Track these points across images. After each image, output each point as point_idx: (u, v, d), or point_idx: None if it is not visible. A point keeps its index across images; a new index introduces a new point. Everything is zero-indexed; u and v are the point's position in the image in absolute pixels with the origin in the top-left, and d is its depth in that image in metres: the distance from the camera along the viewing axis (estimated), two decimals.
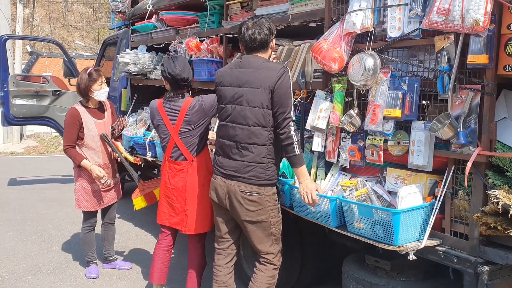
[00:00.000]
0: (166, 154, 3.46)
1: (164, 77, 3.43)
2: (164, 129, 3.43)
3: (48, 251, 4.94)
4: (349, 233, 2.67)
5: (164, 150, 3.49)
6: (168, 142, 3.43)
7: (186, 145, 3.38)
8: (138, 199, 4.15)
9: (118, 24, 7.16)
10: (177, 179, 3.44)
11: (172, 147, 3.42)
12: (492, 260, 2.28)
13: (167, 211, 3.55)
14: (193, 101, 3.37)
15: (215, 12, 4.20)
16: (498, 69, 2.20)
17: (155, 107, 3.47)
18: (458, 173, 2.41)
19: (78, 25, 29.16)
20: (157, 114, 3.45)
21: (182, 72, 3.37)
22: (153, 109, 3.49)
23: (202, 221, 3.45)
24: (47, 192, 7.65)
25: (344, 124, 2.81)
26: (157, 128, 3.50)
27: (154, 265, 3.61)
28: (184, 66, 3.40)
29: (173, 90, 3.43)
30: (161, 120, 3.43)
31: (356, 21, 2.67)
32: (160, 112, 3.42)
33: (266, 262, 2.99)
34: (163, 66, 3.41)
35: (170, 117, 3.40)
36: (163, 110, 3.41)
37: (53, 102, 7.58)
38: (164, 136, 3.45)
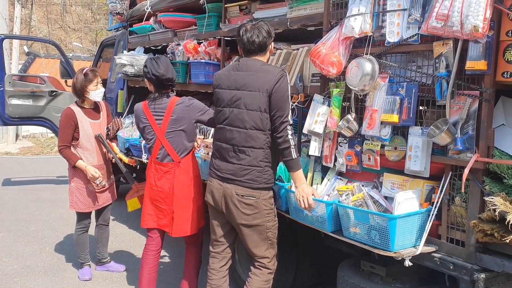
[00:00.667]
0: (152, 156, 3.43)
1: (148, 79, 3.40)
2: (150, 130, 3.40)
3: (41, 252, 4.90)
4: (345, 238, 2.65)
5: (150, 152, 3.46)
6: (154, 143, 3.40)
7: (173, 145, 3.35)
8: (132, 201, 4.13)
9: (116, 26, 7.16)
10: (163, 181, 3.41)
11: (159, 148, 3.39)
12: (489, 267, 2.27)
13: (154, 214, 3.50)
14: (180, 100, 3.36)
15: (213, 15, 4.20)
16: (497, 75, 2.19)
17: (140, 109, 3.43)
18: (455, 179, 2.40)
19: (76, 27, 29.11)
20: (142, 115, 3.42)
21: (166, 72, 3.35)
22: (138, 111, 3.46)
23: (189, 223, 3.43)
24: (41, 193, 7.60)
25: (341, 128, 2.80)
26: (143, 130, 3.46)
27: (143, 271, 3.55)
28: (167, 66, 3.38)
29: (158, 90, 3.40)
30: (146, 121, 3.40)
31: (354, 25, 2.67)
32: (146, 113, 3.39)
33: (261, 266, 2.97)
34: (146, 68, 3.38)
35: (156, 117, 3.37)
36: (149, 111, 3.38)
37: (49, 102, 7.56)
38: (150, 138, 3.42)
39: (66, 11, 29.10)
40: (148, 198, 3.51)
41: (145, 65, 3.40)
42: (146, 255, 3.58)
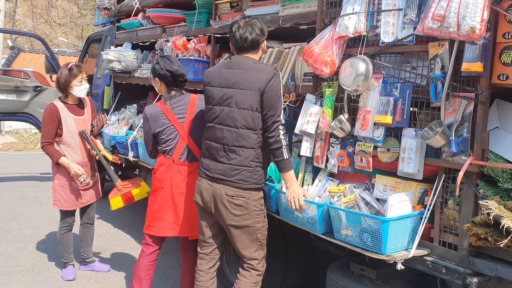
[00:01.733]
0: (174, 157, 3.23)
1: (161, 76, 3.23)
2: (172, 130, 3.22)
3: (23, 251, 4.79)
4: (336, 241, 2.61)
5: (170, 153, 3.24)
6: (177, 143, 3.23)
7: (197, 144, 3.21)
8: (115, 199, 4.01)
9: (103, 21, 7.06)
10: (187, 182, 3.23)
11: (182, 148, 3.23)
12: (481, 271, 2.24)
13: (173, 221, 3.27)
14: (199, 95, 3.24)
15: (203, 11, 4.14)
16: (493, 78, 2.17)
17: (157, 111, 3.23)
18: (448, 182, 2.38)
19: (62, 22, 28.75)
20: (161, 116, 3.22)
21: (180, 68, 3.25)
22: (153, 114, 3.24)
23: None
24: (24, 189, 7.46)
25: (334, 129, 2.76)
26: (160, 133, 3.23)
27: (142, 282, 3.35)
28: (179, 63, 3.29)
29: (171, 88, 3.28)
30: (167, 121, 3.21)
31: (349, 24, 2.63)
32: (166, 113, 3.22)
33: (250, 268, 2.92)
34: (158, 65, 3.23)
35: (177, 116, 3.23)
36: (169, 110, 3.23)
37: (34, 98, 7.41)
38: (171, 138, 3.23)
39: (51, 5, 28.72)
40: (168, 204, 3.27)
41: (157, 62, 3.27)
42: (143, 265, 3.37)
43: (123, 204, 4.02)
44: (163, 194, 3.28)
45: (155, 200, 3.32)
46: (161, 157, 3.30)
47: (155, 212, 3.31)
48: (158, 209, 3.30)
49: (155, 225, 3.31)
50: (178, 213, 3.27)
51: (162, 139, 3.25)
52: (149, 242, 3.38)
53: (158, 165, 3.33)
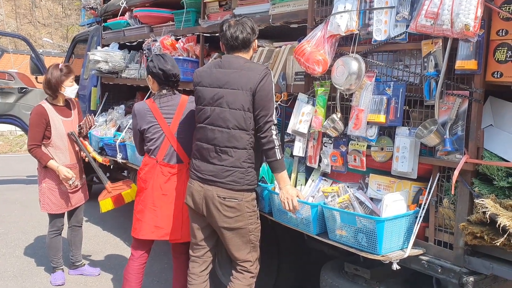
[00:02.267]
0: (158, 157, 3.19)
1: (153, 74, 3.20)
2: (158, 129, 3.19)
3: (11, 256, 4.70)
4: (330, 241, 2.59)
5: (154, 153, 3.21)
6: (162, 143, 3.19)
7: (183, 145, 3.19)
8: (105, 201, 3.93)
9: (89, 21, 6.97)
10: (171, 184, 3.20)
11: (166, 148, 3.19)
12: (477, 270, 2.23)
13: (152, 223, 3.22)
14: (190, 97, 3.20)
15: (192, 10, 4.09)
16: (487, 75, 2.15)
17: (145, 108, 3.20)
18: (443, 181, 2.36)
19: (46, 22, 28.38)
20: (148, 114, 3.18)
21: (173, 68, 3.21)
22: (141, 111, 3.21)
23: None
24: (10, 193, 7.33)
25: (327, 128, 2.73)
26: (146, 130, 3.20)
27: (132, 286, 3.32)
28: (174, 63, 3.25)
29: (162, 88, 3.24)
30: (153, 119, 3.19)
31: (340, 23, 2.60)
32: (153, 111, 3.19)
33: (243, 270, 2.88)
34: (152, 62, 3.20)
35: (165, 115, 3.19)
36: (157, 108, 3.19)
37: (19, 99, 7.29)
38: (156, 137, 3.19)
39: (35, 5, 28.33)
40: (149, 205, 3.22)
41: (151, 60, 3.23)
42: (132, 269, 3.33)
43: (113, 206, 3.95)
44: (145, 195, 3.24)
45: (139, 201, 3.29)
46: (146, 156, 3.27)
47: (137, 213, 3.28)
48: (140, 211, 3.26)
49: (137, 227, 3.28)
50: (158, 216, 3.21)
51: (147, 137, 3.22)
52: (136, 245, 3.35)
53: (143, 165, 3.29)
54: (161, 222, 3.22)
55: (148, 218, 3.23)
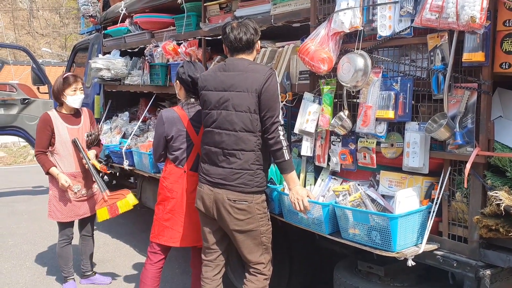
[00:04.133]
0: (186, 167, 3.18)
1: (182, 80, 3.18)
2: (188, 139, 3.16)
3: (21, 268, 4.69)
4: (343, 240, 2.57)
5: (182, 163, 3.18)
6: (191, 153, 3.17)
7: None
8: (101, 211, 3.81)
9: (89, 29, 6.96)
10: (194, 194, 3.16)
11: (194, 157, 3.17)
12: (494, 263, 2.22)
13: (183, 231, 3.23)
14: None
15: (192, 14, 4.08)
16: (495, 66, 2.14)
17: (176, 116, 3.16)
18: (454, 175, 2.34)
19: (44, 32, 28.44)
20: (178, 123, 3.14)
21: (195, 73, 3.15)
22: (170, 118, 3.16)
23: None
24: (17, 205, 7.33)
25: (335, 127, 2.72)
26: (174, 139, 3.16)
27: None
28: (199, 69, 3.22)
29: (191, 96, 3.21)
30: (183, 128, 3.15)
31: (344, 20, 2.59)
32: (183, 119, 3.15)
33: (256, 273, 2.87)
34: (182, 68, 3.19)
35: (193, 124, 3.16)
36: (186, 117, 3.16)
37: (22, 110, 7.27)
38: (184, 147, 3.16)
39: (33, 16, 28.41)
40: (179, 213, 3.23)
41: (182, 66, 3.22)
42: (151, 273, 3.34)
43: (108, 216, 3.83)
44: (174, 204, 3.22)
45: (164, 209, 3.26)
46: (171, 165, 3.23)
47: (165, 221, 3.26)
48: (169, 219, 3.25)
49: (166, 235, 3.27)
50: (191, 223, 3.22)
51: (175, 146, 3.18)
52: (157, 250, 3.34)
53: (167, 174, 3.25)
54: (190, 230, 3.23)
55: (178, 226, 3.23)
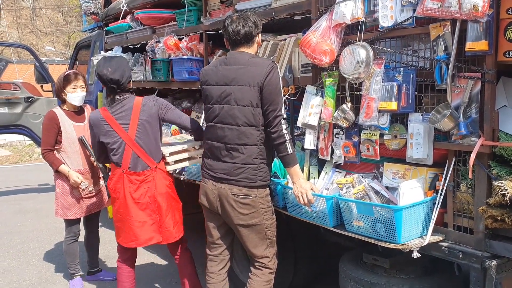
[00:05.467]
0: (123, 166, 3.12)
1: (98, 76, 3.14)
2: (117, 138, 3.10)
3: (28, 265, 4.72)
4: (348, 233, 2.56)
5: (119, 163, 3.14)
6: (124, 151, 3.10)
7: (147, 150, 3.11)
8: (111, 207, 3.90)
9: (91, 26, 6.96)
10: (141, 191, 3.15)
11: (130, 156, 3.10)
12: (500, 253, 2.20)
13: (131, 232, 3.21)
14: (144, 99, 3.13)
15: (193, 9, 4.06)
16: (498, 55, 2.11)
17: (99, 117, 3.09)
18: (459, 165, 2.33)
19: (48, 30, 28.47)
20: (103, 123, 3.08)
21: (112, 74, 3.04)
22: (96, 121, 3.10)
23: (177, 227, 3.32)
24: (23, 203, 7.36)
25: (337, 119, 2.70)
26: (106, 141, 3.12)
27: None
28: (118, 68, 3.08)
29: (111, 93, 3.13)
30: (110, 129, 3.09)
31: (346, 11, 2.56)
32: (108, 120, 3.09)
33: (261, 267, 2.87)
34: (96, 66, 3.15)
35: (121, 123, 3.08)
36: (111, 117, 3.09)
37: (26, 109, 7.30)
38: (116, 147, 3.11)
39: (36, 14, 28.43)
40: (124, 214, 3.20)
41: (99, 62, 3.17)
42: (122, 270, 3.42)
43: None
44: (119, 205, 3.22)
45: (114, 210, 3.29)
46: (113, 165, 3.22)
47: (116, 222, 3.29)
48: (119, 220, 3.26)
49: (121, 235, 3.31)
50: (135, 225, 3.20)
51: (109, 148, 3.16)
52: (120, 249, 3.42)
53: (112, 174, 3.25)
54: (138, 231, 3.20)
55: (127, 227, 3.22)
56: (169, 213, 3.26)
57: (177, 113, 3.22)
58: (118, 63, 3.12)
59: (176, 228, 3.31)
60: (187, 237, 3.44)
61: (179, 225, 3.34)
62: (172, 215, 3.27)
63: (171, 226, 3.27)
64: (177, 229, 3.32)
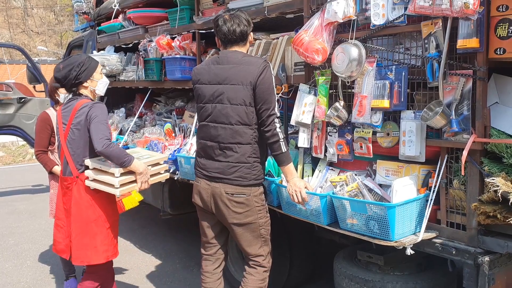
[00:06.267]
0: (61, 170, 3.07)
1: None
2: (58, 137, 3.02)
3: (22, 267, 4.70)
4: (342, 231, 2.57)
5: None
6: (60, 151, 3.03)
7: (73, 156, 2.96)
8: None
9: (83, 26, 6.94)
10: (66, 198, 3.03)
11: (62, 158, 3.01)
12: (492, 249, 2.22)
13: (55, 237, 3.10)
14: (86, 103, 2.95)
15: (185, 8, 4.05)
16: (489, 52, 2.13)
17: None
18: (451, 162, 2.34)
19: (40, 30, 28.28)
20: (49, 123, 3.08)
21: (57, 72, 2.95)
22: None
23: (92, 251, 2.97)
24: (17, 204, 7.32)
25: (330, 117, 2.71)
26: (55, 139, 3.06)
27: None
28: (66, 67, 2.95)
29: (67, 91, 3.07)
30: (57, 126, 3.04)
31: (337, 10, 2.57)
32: (58, 116, 3.03)
33: (256, 265, 2.87)
34: None
35: (63, 121, 2.99)
36: (60, 114, 3.01)
37: (19, 110, 7.25)
38: (57, 146, 3.03)
39: (27, 14, 28.24)
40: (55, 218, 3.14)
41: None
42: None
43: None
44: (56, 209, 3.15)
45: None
46: None
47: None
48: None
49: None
50: (60, 230, 3.11)
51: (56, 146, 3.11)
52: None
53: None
54: (61, 237, 3.10)
55: (55, 231, 3.14)
56: (83, 232, 2.96)
57: (96, 128, 2.85)
58: (69, 63, 2.97)
59: (90, 251, 2.97)
60: (183, 237, 3.39)
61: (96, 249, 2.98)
62: (87, 235, 2.96)
63: (83, 247, 2.97)
64: (91, 252, 2.97)
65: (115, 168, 2.88)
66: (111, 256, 3.07)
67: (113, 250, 3.08)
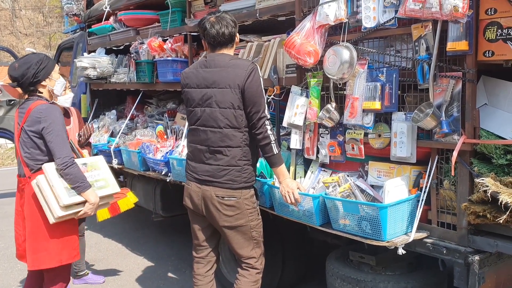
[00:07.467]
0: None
1: None
2: (15, 136, 2.96)
3: (13, 270, 4.67)
4: (334, 231, 2.59)
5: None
6: (16, 152, 3.01)
7: (25, 156, 2.86)
8: (101, 211, 3.75)
9: (73, 28, 6.90)
10: (22, 201, 2.92)
11: (17, 158, 2.93)
12: (482, 248, 2.25)
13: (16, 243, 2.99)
14: (41, 104, 2.85)
15: (177, 10, 4.06)
16: (478, 55, 2.16)
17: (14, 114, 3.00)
18: (442, 163, 2.37)
19: (28, 31, 28.07)
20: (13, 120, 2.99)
21: (12, 70, 2.86)
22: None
23: (46, 254, 2.83)
24: (6, 207, 7.25)
25: (322, 119, 2.73)
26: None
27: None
28: (22, 65, 2.85)
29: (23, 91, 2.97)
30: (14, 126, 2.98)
31: (329, 12, 2.59)
32: (15, 116, 2.96)
33: (248, 267, 2.87)
34: None
35: (18, 120, 2.90)
36: (17, 114, 2.94)
37: (8, 112, 7.21)
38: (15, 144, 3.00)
39: (15, 15, 28.01)
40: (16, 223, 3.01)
41: None
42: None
43: (109, 215, 3.85)
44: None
45: None
46: None
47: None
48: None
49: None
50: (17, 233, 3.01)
51: None
52: None
53: None
54: (18, 242, 2.99)
55: (15, 236, 3.03)
56: (36, 235, 2.83)
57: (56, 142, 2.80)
58: (26, 61, 2.88)
59: (44, 255, 2.83)
60: (176, 239, 3.39)
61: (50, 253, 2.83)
62: (41, 239, 2.83)
63: (37, 251, 2.83)
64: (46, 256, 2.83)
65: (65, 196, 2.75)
66: (65, 260, 2.90)
67: (68, 254, 2.91)
